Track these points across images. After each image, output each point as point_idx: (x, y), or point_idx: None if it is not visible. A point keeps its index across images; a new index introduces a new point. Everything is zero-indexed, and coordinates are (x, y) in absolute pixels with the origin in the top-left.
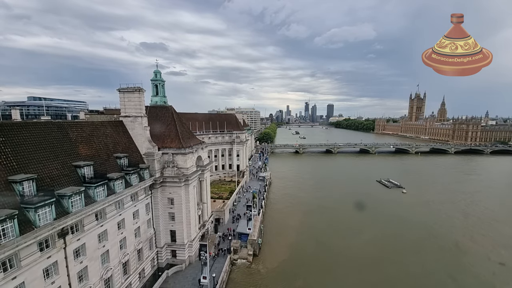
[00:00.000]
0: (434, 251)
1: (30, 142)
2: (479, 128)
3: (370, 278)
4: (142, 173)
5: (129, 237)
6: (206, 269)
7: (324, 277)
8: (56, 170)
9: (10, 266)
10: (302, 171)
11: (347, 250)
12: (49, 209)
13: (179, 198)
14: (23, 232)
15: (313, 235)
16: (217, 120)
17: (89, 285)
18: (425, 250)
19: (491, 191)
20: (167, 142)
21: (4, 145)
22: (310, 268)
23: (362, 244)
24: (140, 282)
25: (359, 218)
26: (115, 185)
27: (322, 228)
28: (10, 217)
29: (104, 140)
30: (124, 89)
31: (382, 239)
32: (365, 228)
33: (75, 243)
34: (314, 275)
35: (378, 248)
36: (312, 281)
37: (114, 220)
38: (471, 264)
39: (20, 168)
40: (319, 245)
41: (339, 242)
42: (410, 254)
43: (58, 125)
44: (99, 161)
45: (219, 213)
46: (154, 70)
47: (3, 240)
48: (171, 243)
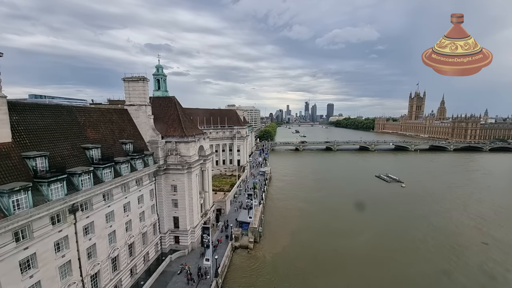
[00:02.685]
0: (430, 243)
1: (41, 122)
2: (478, 126)
3: (369, 261)
4: (146, 160)
5: (134, 220)
6: (208, 251)
7: (323, 261)
8: (66, 151)
9: (23, 237)
10: (302, 167)
11: (345, 237)
12: (61, 185)
13: (182, 185)
14: (36, 204)
15: (312, 223)
16: (218, 115)
17: (97, 261)
18: (420, 241)
19: (487, 184)
20: (170, 131)
21: (17, 123)
22: (309, 252)
23: (359, 231)
24: (145, 265)
25: (356, 209)
26: (121, 168)
27: (321, 218)
28: (25, 189)
29: (110, 126)
30: (128, 79)
31: (379, 227)
32: (362, 218)
33: (85, 220)
34: (313, 259)
35: (375, 235)
36: (311, 264)
37: (120, 202)
38: (465, 247)
39: (33, 146)
40: (318, 232)
41: (338, 229)
42: (406, 241)
43: (67, 109)
44: (105, 145)
45: (220, 203)
46: (156, 65)
47: (17, 210)
48: (174, 229)
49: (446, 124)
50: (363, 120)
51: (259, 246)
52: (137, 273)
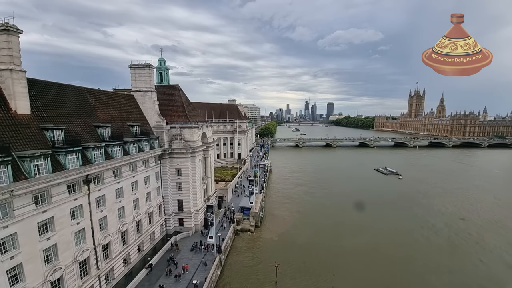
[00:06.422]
0: (421, 230)
1: (57, 99)
2: (477, 124)
3: (365, 245)
4: (152, 143)
5: (141, 199)
6: (212, 229)
7: (321, 243)
8: (79, 127)
9: (42, 201)
10: (302, 162)
11: (343, 222)
12: (76, 156)
13: (186, 169)
14: (55, 171)
15: (311, 209)
16: (219, 109)
17: (108, 233)
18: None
19: (481, 177)
20: (174, 117)
21: (35, 98)
22: (308, 234)
23: (357, 219)
24: (151, 244)
25: (354, 198)
26: (129, 148)
27: (319, 205)
28: (45, 155)
29: (118, 109)
30: (135, 65)
31: (374, 214)
32: (360, 207)
33: (97, 192)
34: (312, 241)
35: (371, 222)
36: (309, 245)
37: (128, 180)
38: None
39: (50, 119)
40: (316, 217)
41: (335, 216)
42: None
43: (79, 89)
44: (114, 126)
45: (222, 191)
46: (159, 58)
47: (37, 175)
48: (178, 211)
49: (445, 122)
50: (363, 119)
51: (260, 230)
52: (144, 250)
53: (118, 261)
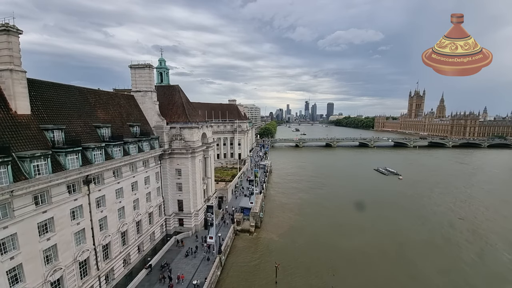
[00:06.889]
0: (422, 232)
1: (57, 99)
2: (476, 124)
3: (365, 244)
4: (152, 143)
5: (141, 200)
6: (212, 229)
7: (321, 243)
8: (79, 127)
9: (42, 201)
10: (302, 162)
11: (343, 222)
12: (76, 156)
13: (186, 169)
14: (55, 171)
15: (311, 210)
16: (219, 110)
17: (108, 233)
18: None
19: (478, 176)
20: (174, 118)
21: (35, 98)
22: (308, 235)
23: (357, 219)
24: (151, 244)
25: (354, 198)
26: (129, 148)
27: (319, 204)
28: (45, 155)
29: (119, 109)
30: (135, 66)
31: (374, 214)
32: (360, 206)
33: (97, 192)
34: (312, 241)
35: (371, 221)
36: (309, 245)
37: (128, 180)
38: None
39: (50, 120)
40: (316, 217)
41: (335, 216)
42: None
43: (79, 89)
44: (115, 126)
45: (222, 191)
46: (159, 58)
47: (37, 175)
48: (178, 212)
49: (445, 122)
50: (363, 119)
51: (260, 230)
52: (144, 250)
53: (118, 262)
